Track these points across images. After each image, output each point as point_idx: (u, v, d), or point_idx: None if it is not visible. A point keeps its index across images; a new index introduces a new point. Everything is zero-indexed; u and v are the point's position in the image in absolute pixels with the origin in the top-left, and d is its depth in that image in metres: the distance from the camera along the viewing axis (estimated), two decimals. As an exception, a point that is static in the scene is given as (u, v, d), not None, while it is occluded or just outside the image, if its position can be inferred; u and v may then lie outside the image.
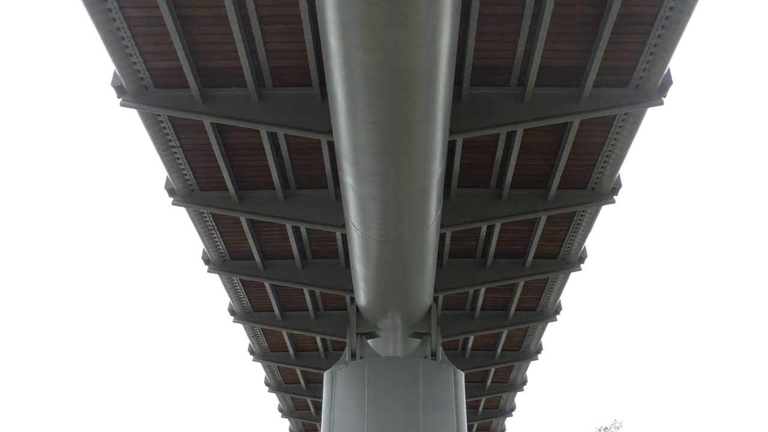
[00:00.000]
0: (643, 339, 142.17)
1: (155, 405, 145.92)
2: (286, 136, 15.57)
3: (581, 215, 18.60)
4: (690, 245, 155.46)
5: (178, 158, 16.25)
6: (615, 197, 17.41)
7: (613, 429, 60.90)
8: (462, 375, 21.45)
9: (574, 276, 21.20)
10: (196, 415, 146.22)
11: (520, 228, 19.09)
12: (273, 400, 31.55)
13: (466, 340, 24.65)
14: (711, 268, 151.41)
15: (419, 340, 20.97)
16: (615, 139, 15.75)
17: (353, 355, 20.62)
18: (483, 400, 29.99)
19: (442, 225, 16.93)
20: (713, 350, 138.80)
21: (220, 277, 21.15)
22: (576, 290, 39.14)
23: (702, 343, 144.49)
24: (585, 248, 20.16)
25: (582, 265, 20.50)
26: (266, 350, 26.10)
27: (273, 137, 15.66)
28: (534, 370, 33.68)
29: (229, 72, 13.93)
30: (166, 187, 17.21)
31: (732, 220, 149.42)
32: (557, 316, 23.29)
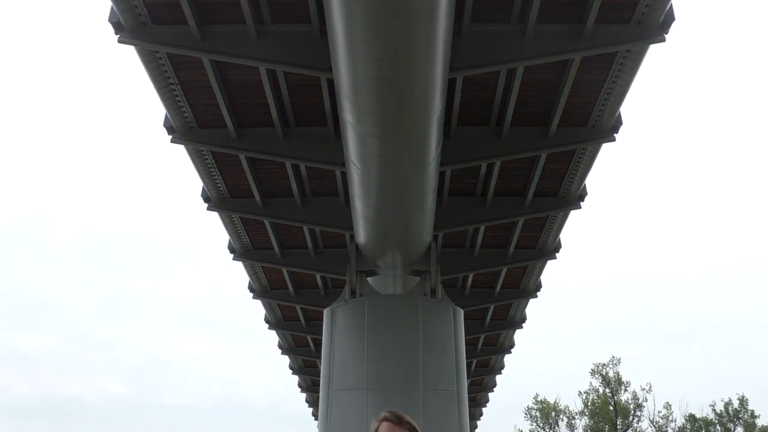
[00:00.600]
0: (642, 277, 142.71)
1: (156, 346, 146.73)
2: (285, 73, 15.44)
3: (581, 153, 18.51)
4: (690, 183, 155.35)
5: (177, 96, 16.13)
6: (615, 135, 17.33)
7: (611, 366, 61.41)
8: (461, 312, 21.56)
9: (573, 214, 21.20)
10: (197, 353, 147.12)
11: (520, 166, 19.01)
12: (273, 337, 31.77)
13: (465, 278, 24.71)
14: (711, 208, 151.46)
15: (419, 278, 21.05)
16: (616, 76, 15.61)
17: (353, 293, 20.70)
18: (482, 337, 30.19)
19: (442, 163, 16.88)
20: (710, 287, 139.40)
21: (220, 215, 21.12)
22: (576, 228, 39.22)
23: (699, 281, 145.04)
24: (585, 186, 20.10)
25: (582, 203, 20.45)
26: (266, 288, 26.19)
27: (272, 75, 15.53)
28: (533, 307, 33.81)
29: (227, 7, 13.77)
30: (165, 125, 17.11)
31: (733, 158, 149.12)
32: (557, 254, 23.32)
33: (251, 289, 26.19)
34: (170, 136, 17.19)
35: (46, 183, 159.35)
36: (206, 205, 20.33)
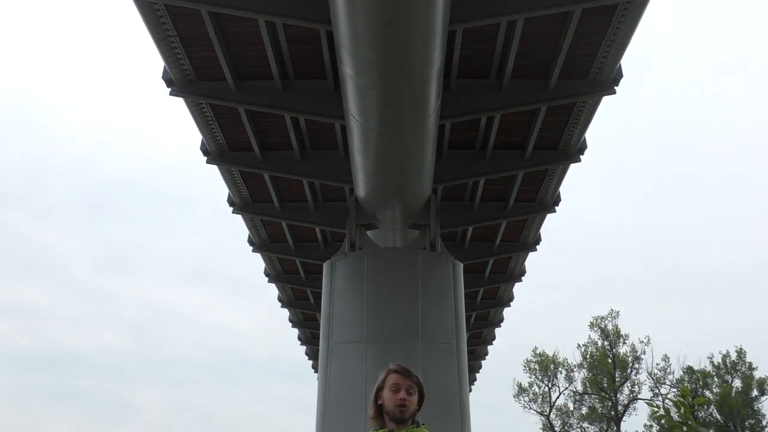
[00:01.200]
0: (641, 231, 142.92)
1: (156, 300, 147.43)
2: (284, 25, 15.34)
3: (582, 106, 18.46)
4: (690, 134, 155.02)
5: (176, 48, 16.04)
6: (616, 87, 17.27)
7: (609, 319, 61.71)
8: (460, 266, 21.62)
9: (573, 167, 21.19)
10: (197, 306, 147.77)
11: (520, 119, 18.97)
12: (273, 290, 31.89)
13: (465, 232, 24.74)
14: (711, 159, 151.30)
15: (418, 232, 21.08)
16: (617, 28, 15.51)
17: (352, 246, 20.74)
18: (481, 290, 30.30)
19: (442, 116, 16.84)
20: (709, 240, 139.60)
21: (219, 168, 21.10)
22: (576, 182, 39.16)
23: (699, 235, 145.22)
24: (585, 139, 20.06)
25: (582, 157, 20.43)
26: (266, 241, 26.24)
27: (271, 27, 15.43)
28: (532, 261, 33.90)
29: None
30: (163, 77, 17.04)
31: (733, 109, 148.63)
32: (556, 208, 23.32)
33: (251, 242, 26.24)
34: (169, 89, 17.13)
35: (43, 135, 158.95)
36: (205, 158, 20.31)
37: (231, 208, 23.31)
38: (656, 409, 8.69)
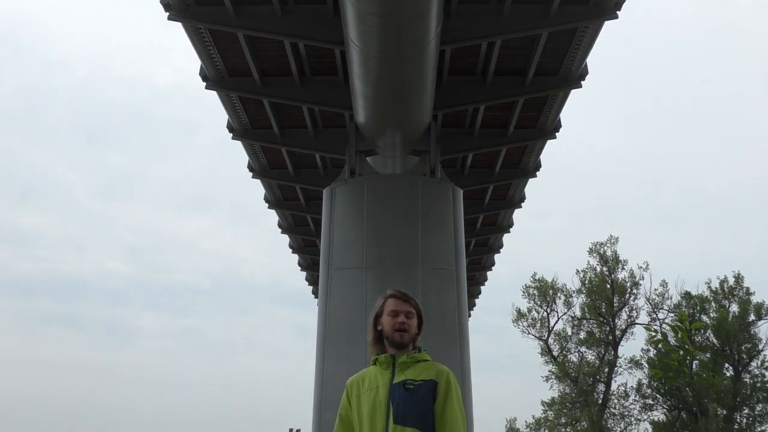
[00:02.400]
0: (641, 157, 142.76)
1: (155, 226, 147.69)
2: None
3: (583, 31, 18.31)
4: (692, 60, 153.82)
5: (173, -28, 15.87)
6: (618, 12, 17.12)
7: (608, 245, 61.87)
8: (460, 192, 21.64)
9: (574, 93, 21.08)
10: (196, 233, 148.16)
11: (521, 45, 18.84)
12: (272, 216, 31.96)
13: (465, 158, 24.71)
14: (712, 86, 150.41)
15: (418, 158, 21.06)
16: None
17: (352, 173, 20.74)
18: (481, 216, 30.35)
19: (442, 42, 16.71)
20: (709, 166, 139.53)
21: (218, 94, 21.01)
22: (576, 108, 38.93)
23: (699, 160, 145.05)
24: (586, 65, 19.95)
25: (582, 83, 20.33)
26: (266, 167, 26.20)
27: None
28: (532, 187, 33.91)
29: None
30: (161, 2, 16.88)
31: (735, 35, 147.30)
32: (556, 134, 23.27)
33: (251, 168, 26.21)
34: (167, 14, 16.97)
35: (39, 58, 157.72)
36: (204, 84, 20.21)
37: (231, 135, 23.26)
38: (654, 334, 8.81)
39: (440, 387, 5.48)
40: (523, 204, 29.57)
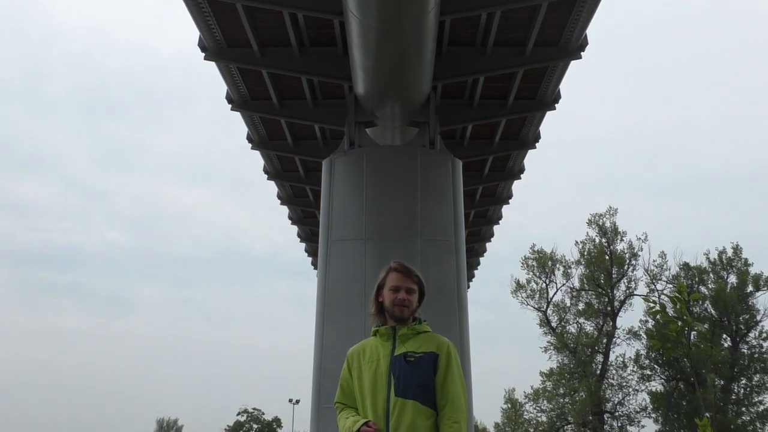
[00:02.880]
0: (641, 129, 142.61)
1: (154, 197, 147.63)
2: None
3: (583, 1, 18.24)
4: (692, 34, 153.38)
5: (171, -58, 15.75)
6: (619, -17, 17.04)
7: (607, 216, 61.98)
8: (459, 163, 21.63)
9: (574, 64, 21.02)
10: (196, 204, 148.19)
11: (521, 15, 18.77)
12: (271, 188, 31.93)
13: (464, 129, 24.67)
14: (713, 59, 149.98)
15: (417, 129, 21.04)
16: None
17: (351, 144, 20.72)
18: (480, 188, 30.35)
19: (442, 12, 16.65)
20: (708, 138, 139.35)
21: (217, 65, 20.93)
22: (576, 79, 38.91)
23: (697, 132, 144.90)
24: (586, 36, 19.88)
25: (582, 54, 20.27)
26: (265, 139, 26.16)
27: None
28: (531, 159, 33.89)
29: None
30: (159, -28, 16.79)
31: (738, 9, 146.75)
32: (556, 105, 23.22)
33: (250, 139, 26.16)
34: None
35: (40, 32, 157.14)
36: (203, 54, 20.14)
37: (230, 106, 23.20)
38: (652, 305, 8.82)
39: (441, 359, 5.51)
40: (522, 175, 29.56)
